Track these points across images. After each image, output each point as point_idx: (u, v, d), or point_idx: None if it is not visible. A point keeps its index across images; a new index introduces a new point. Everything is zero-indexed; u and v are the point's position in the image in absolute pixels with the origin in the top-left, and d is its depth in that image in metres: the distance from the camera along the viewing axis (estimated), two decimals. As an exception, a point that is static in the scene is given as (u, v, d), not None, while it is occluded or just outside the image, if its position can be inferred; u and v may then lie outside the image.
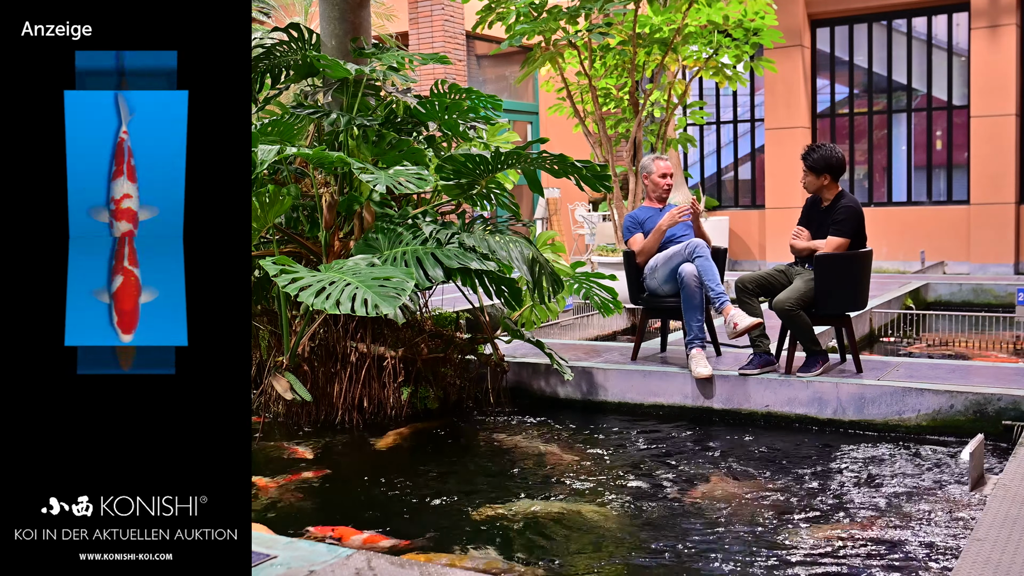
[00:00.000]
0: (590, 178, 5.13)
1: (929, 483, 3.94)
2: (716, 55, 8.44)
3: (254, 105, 5.70)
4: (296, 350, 5.08)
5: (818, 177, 5.18)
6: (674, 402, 5.27)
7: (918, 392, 4.72)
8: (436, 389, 5.38)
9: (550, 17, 7.80)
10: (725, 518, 3.59)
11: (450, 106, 5.58)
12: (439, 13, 13.04)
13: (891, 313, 8.28)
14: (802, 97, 13.02)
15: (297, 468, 4.38)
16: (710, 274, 5.21)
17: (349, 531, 3.42)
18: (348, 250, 5.10)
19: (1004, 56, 11.81)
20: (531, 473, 4.30)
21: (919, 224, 12.58)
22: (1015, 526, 2.96)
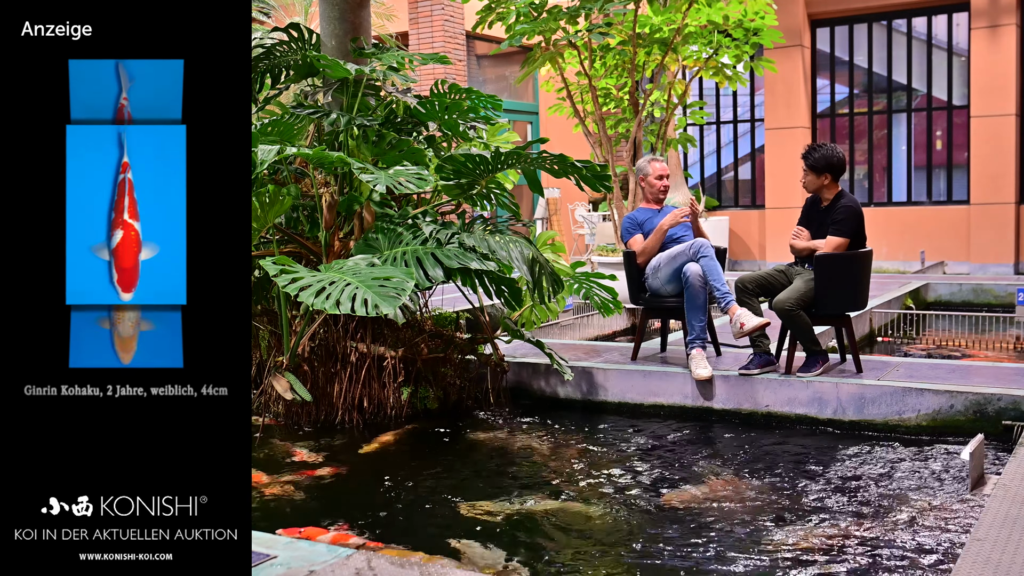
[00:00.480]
0: (590, 178, 5.13)
1: (929, 483, 3.94)
2: (716, 55, 8.44)
3: (254, 105, 5.70)
4: (296, 350, 5.09)
5: (818, 176, 5.18)
6: (674, 402, 5.28)
7: (918, 392, 4.72)
8: (436, 389, 5.38)
9: (550, 17, 7.79)
10: (725, 518, 3.59)
11: (450, 106, 5.58)
12: (439, 13, 13.04)
13: (891, 313, 8.28)
14: (802, 97, 13.02)
15: (294, 468, 4.38)
16: (715, 274, 5.21)
17: (316, 531, 3.42)
18: (348, 250, 5.10)
19: (1004, 56, 11.81)
20: (529, 473, 4.30)
21: (919, 224, 12.58)
22: (1015, 526, 2.96)
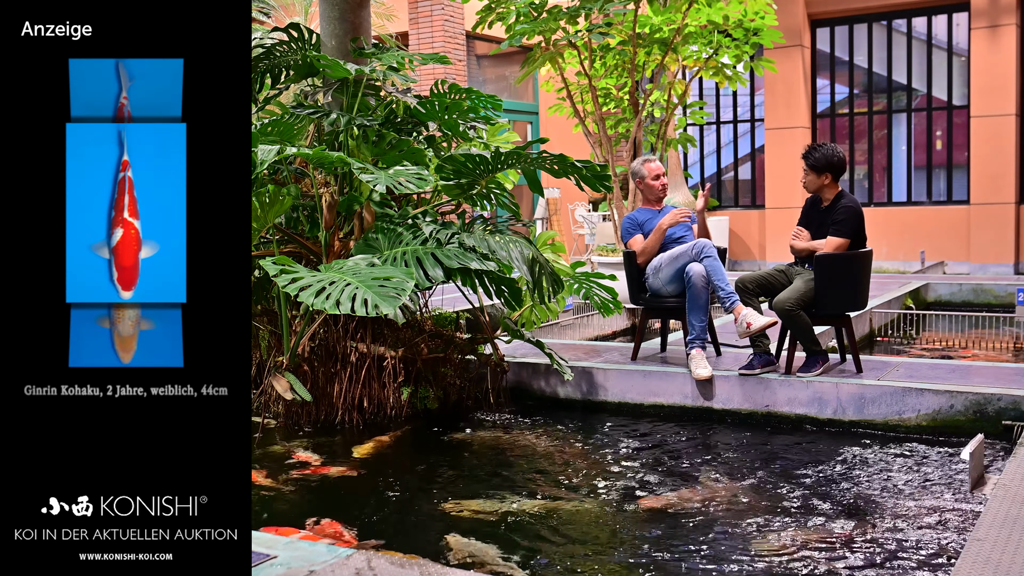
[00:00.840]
0: (590, 178, 5.13)
1: (929, 483, 3.94)
2: (716, 55, 8.44)
3: (254, 105, 5.70)
4: (296, 350, 5.08)
5: (819, 176, 5.18)
6: (674, 402, 5.27)
7: (918, 392, 4.72)
8: (436, 389, 5.38)
9: (550, 17, 7.79)
10: (723, 518, 3.59)
11: (450, 106, 5.58)
12: (439, 13, 13.04)
13: (891, 313, 8.28)
14: (802, 97, 13.02)
15: (294, 468, 4.38)
16: (719, 274, 5.20)
17: (292, 531, 3.43)
18: (348, 250, 5.10)
19: (1004, 56, 11.81)
20: (528, 473, 4.30)
21: (919, 224, 12.59)
22: (1015, 526, 2.96)
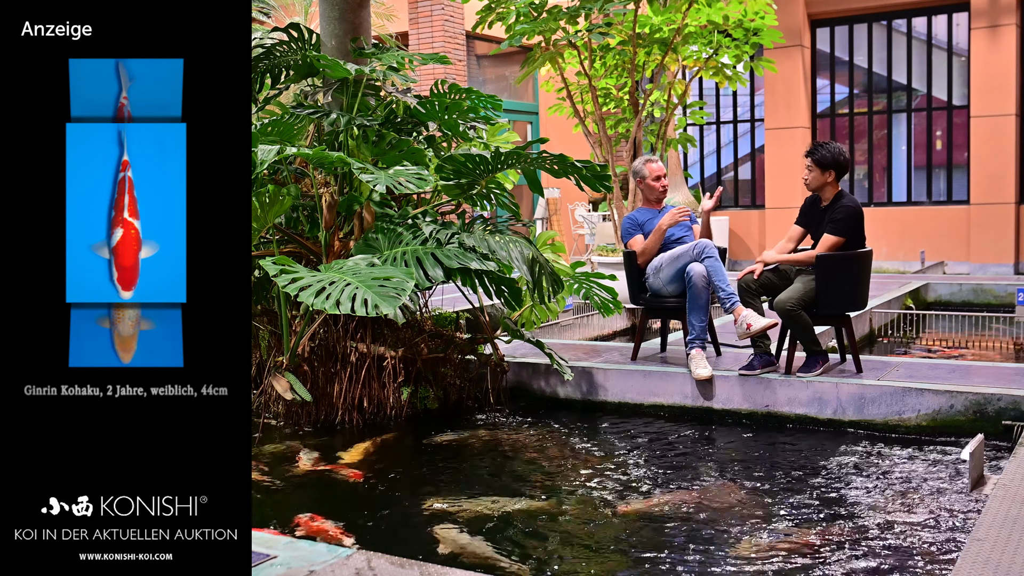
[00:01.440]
0: (590, 178, 5.13)
1: (929, 483, 3.94)
2: (716, 55, 8.44)
3: (254, 105, 5.70)
4: (296, 350, 5.08)
5: (823, 173, 5.15)
6: (674, 402, 5.27)
7: (918, 392, 4.72)
8: (436, 389, 5.38)
9: (550, 17, 7.79)
10: (722, 518, 3.59)
11: (450, 106, 5.58)
12: (439, 13, 13.04)
13: (891, 313, 8.28)
14: (802, 97, 13.02)
15: (293, 467, 4.38)
16: (720, 275, 5.20)
17: (272, 532, 3.42)
18: (348, 250, 5.10)
19: (1004, 56, 11.81)
20: (528, 473, 4.30)
21: (919, 224, 12.59)
22: (1015, 526, 2.96)
